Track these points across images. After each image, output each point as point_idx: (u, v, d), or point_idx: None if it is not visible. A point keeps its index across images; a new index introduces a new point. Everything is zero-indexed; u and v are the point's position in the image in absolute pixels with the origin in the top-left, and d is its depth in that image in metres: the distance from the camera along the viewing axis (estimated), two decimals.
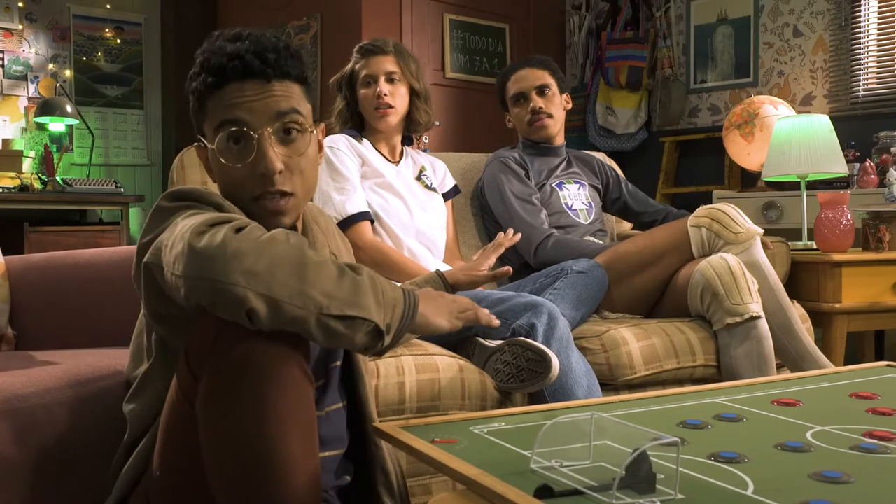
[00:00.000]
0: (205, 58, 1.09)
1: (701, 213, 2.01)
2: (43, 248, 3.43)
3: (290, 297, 0.85)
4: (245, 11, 4.58)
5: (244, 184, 1.07)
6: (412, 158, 2.15)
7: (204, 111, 1.10)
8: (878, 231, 2.41)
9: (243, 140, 1.06)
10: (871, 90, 3.74)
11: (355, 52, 2.09)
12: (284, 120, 1.07)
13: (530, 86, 2.33)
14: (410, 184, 2.09)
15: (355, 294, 0.90)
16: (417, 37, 4.02)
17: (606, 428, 0.95)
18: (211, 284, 0.84)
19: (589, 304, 1.92)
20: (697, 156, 4.27)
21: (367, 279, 0.93)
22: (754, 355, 1.83)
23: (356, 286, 0.91)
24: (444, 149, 3.95)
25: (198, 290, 0.84)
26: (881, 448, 0.89)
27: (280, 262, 0.86)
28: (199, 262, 0.84)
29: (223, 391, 0.86)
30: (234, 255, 0.84)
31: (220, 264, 0.83)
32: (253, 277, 0.84)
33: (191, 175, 1.92)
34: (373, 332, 0.92)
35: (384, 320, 0.93)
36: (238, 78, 1.06)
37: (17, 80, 4.42)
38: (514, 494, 0.73)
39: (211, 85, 1.07)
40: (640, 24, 4.45)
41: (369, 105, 2.03)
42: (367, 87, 2.04)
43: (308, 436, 0.90)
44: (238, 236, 0.86)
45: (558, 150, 2.41)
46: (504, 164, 2.30)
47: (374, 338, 0.93)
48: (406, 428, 0.98)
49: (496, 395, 1.63)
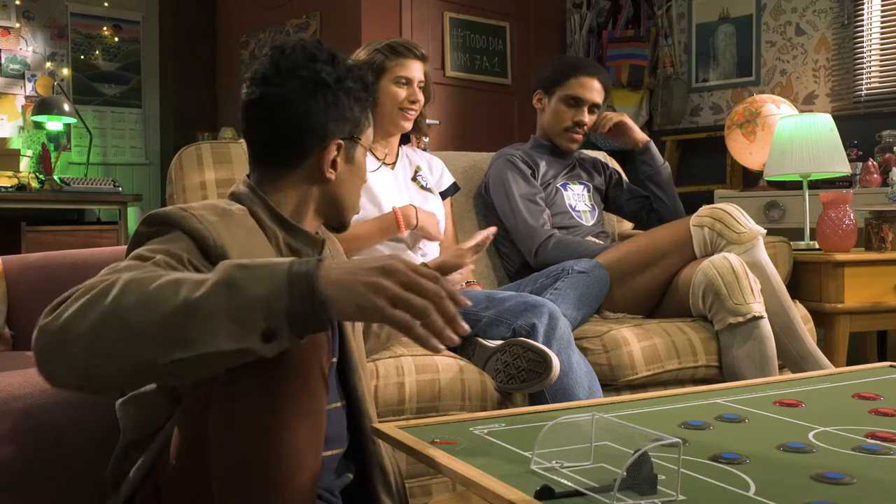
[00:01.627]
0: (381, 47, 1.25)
1: (703, 212, 2.00)
2: (40, 247, 3.43)
3: (117, 371, 0.80)
4: (244, 9, 4.58)
5: None
6: (408, 158, 2.14)
7: None
8: (881, 231, 2.40)
9: None
10: (873, 89, 3.73)
11: (385, 49, 2.01)
12: None
13: (590, 99, 2.29)
14: (405, 186, 2.07)
15: (189, 328, 0.78)
16: (417, 35, 4.01)
17: (607, 429, 0.94)
18: (42, 367, 0.81)
19: (590, 304, 1.91)
20: (699, 155, 4.26)
21: (213, 296, 0.79)
22: (756, 356, 1.82)
23: (191, 315, 0.78)
24: (444, 148, 3.94)
25: (39, 366, 0.82)
26: (884, 449, 0.89)
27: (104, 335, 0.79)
28: (38, 342, 0.81)
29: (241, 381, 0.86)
30: (61, 341, 0.79)
31: (48, 351, 0.80)
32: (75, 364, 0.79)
33: (189, 174, 1.91)
34: (242, 352, 0.79)
35: (243, 335, 0.78)
36: None
37: (15, 79, 4.41)
38: (515, 495, 0.72)
39: None
40: (642, 22, 4.44)
41: (395, 104, 1.99)
42: (399, 86, 1.99)
43: (317, 435, 0.90)
44: (73, 314, 0.79)
45: (568, 154, 2.41)
46: (510, 162, 2.29)
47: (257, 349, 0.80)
48: (406, 429, 0.97)
49: (496, 396, 1.63)
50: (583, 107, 2.29)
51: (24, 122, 4.39)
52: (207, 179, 1.90)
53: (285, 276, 0.80)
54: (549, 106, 2.34)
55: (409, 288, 0.82)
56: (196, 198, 1.88)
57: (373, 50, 2.01)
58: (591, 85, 2.29)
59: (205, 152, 1.93)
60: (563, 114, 2.30)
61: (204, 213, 1.03)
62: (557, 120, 2.32)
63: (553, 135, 2.35)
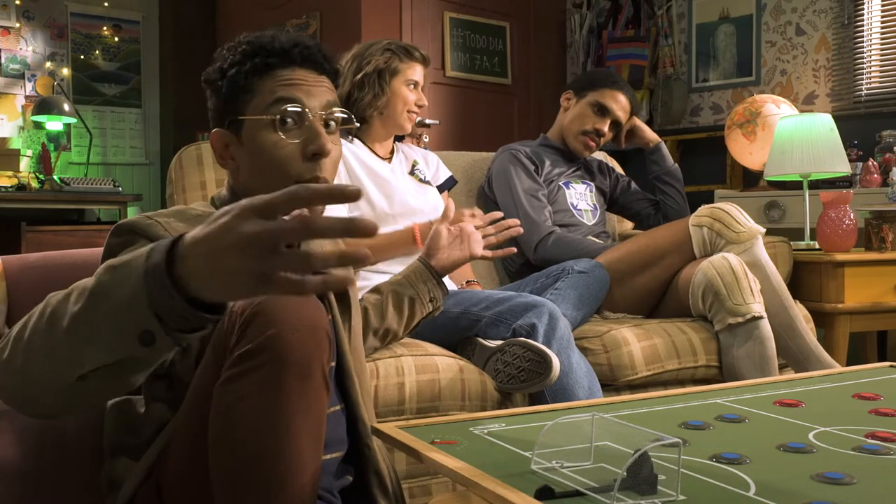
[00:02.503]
0: (252, 46, 1.11)
1: (703, 212, 2.00)
2: (40, 247, 3.43)
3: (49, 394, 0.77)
4: (244, 9, 4.57)
5: (289, 163, 1.09)
6: (404, 154, 2.14)
7: (251, 90, 1.10)
8: (881, 231, 2.40)
9: (296, 119, 1.09)
10: (873, 89, 3.73)
11: (400, 50, 2.02)
12: (331, 111, 1.12)
13: (615, 112, 2.33)
14: (403, 179, 2.07)
15: (74, 345, 0.74)
16: (417, 35, 4.01)
17: (607, 429, 0.94)
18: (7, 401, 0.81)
19: (590, 304, 1.91)
20: (699, 155, 4.26)
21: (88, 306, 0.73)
22: (756, 356, 1.82)
23: (74, 332, 0.74)
24: (444, 147, 3.94)
25: None
26: (884, 449, 0.89)
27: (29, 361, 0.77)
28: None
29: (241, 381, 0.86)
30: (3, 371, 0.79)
31: None
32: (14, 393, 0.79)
33: (189, 174, 1.91)
34: (130, 361, 0.73)
35: (121, 343, 0.72)
36: (297, 63, 1.11)
37: (15, 79, 4.41)
38: (515, 496, 0.72)
39: (272, 65, 1.10)
40: (642, 22, 4.44)
41: (403, 106, 2.01)
42: (409, 89, 2.01)
43: (317, 436, 0.91)
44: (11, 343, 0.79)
45: (574, 157, 2.42)
46: (514, 157, 2.29)
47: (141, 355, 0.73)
48: (406, 429, 0.97)
49: (496, 396, 1.63)
50: (606, 117, 2.33)
51: (24, 122, 4.39)
52: (207, 179, 1.90)
53: (142, 270, 0.70)
54: (574, 107, 2.36)
55: (277, 243, 0.64)
56: (196, 197, 1.89)
57: (385, 50, 2.01)
58: (621, 101, 2.34)
59: (205, 152, 1.94)
60: (587, 118, 2.33)
61: (171, 219, 1.05)
62: (579, 122, 2.34)
63: (569, 136, 2.36)
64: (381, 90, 1.99)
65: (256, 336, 0.87)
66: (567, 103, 2.40)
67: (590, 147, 2.35)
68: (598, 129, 2.32)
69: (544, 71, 4.62)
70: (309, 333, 0.88)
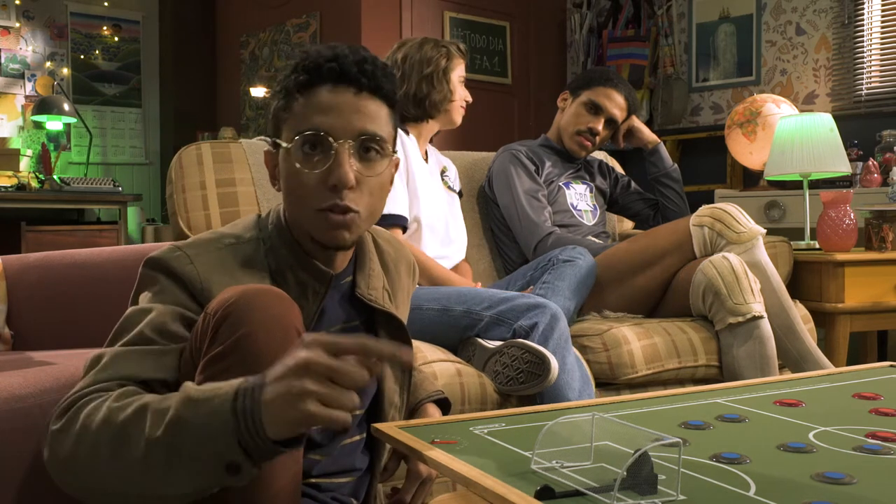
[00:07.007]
0: (301, 59, 1.05)
1: (703, 212, 2.00)
2: (40, 247, 3.43)
3: None
4: (244, 9, 4.57)
5: (312, 192, 1.01)
6: (436, 158, 2.16)
7: (289, 111, 1.04)
8: (882, 231, 2.40)
9: (321, 147, 1.01)
10: (874, 89, 3.73)
11: (455, 48, 2.09)
12: (366, 139, 1.03)
13: (610, 110, 2.32)
14: (438, 183, 2.09)
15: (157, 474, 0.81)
16: (417, 34, 3.99)
17: (607, 429, 0.94)
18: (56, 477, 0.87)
19: (581, 292, 1.91)
20: (699, 155, 4.26)
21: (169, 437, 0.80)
22: (756, 355, 1.82)
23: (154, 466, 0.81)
24: (444, 147, 3.91)
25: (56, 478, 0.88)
26: (884, 449, 0.89)
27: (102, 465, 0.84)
28: (49, 452, 0.87)
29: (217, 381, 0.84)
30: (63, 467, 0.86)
31: (58, 469, 0.87)
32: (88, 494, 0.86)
33: (189, 174, 1.91)
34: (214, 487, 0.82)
35: (207, 474, 0.80)
36: (332, 80, 1.02)
37: (15, 78, 4.41)
38: (515, 495, 0.72)
39: (303, 83, 1.02)
40: (642, 22, 4.44)
41: (462, 99, 2.09)
42: (461, 84, 2.09)
43: None
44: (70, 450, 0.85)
45: (575, 158, 2.42)
46: (515, 157, 2.29)
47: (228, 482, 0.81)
48: (406, 429, 0.97)
49: (496, 399, 1.62)
50: (601, 116, 2.31)
51: (23, 122, 4.39)
52: (207, 179, 1.90)
53: (230, 413, 0.78)
54: (570, 107, 2.36)
55: (332, 377, 0.76)
56: (196, 197, 1.89)
57: (440, 47, 2.07)
58: (616, 99, 2.32)
59: (205, 152, 1.93)
60: (581, 117, 2.32)
61: (199, 251, 1.01)
62: (573, 121, 2.33)
63: (565, 136, 2.36)
64: (449, 89, 2.05)
65: (227, 337, 0.86)
66: (563, 103, 2.39)
67: (585, 147, 2.34)
68: (591, 127, 2.31)
69: (544, 71, 4.62)
70: (280, 332, 0.87)
